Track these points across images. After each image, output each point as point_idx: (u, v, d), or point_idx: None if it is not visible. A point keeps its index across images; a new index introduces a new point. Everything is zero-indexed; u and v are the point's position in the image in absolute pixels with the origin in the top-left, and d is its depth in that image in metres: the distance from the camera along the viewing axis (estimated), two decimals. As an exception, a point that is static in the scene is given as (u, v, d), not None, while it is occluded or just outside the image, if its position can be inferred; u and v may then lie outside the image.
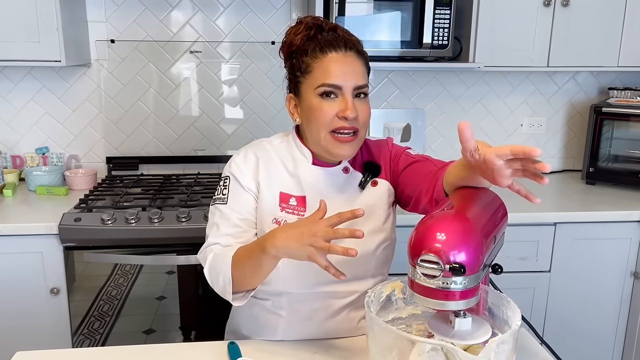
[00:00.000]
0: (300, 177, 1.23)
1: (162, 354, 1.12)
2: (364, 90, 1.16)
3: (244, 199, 1.22)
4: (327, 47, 1.14)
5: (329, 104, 1.14)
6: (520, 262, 2.07)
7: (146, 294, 1.98)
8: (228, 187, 1.23)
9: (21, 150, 2.38)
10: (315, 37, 1.16)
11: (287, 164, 1.24)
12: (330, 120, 1.14)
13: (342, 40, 1.15)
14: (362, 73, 1.16)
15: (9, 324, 1.89)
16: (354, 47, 1.16)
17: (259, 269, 1.07)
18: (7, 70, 2.31)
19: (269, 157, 1.25)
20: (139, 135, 2.41)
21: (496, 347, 0.77)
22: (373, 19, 2.11)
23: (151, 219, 1.87)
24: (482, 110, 2.58)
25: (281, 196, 1.21)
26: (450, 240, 0.79)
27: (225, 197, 1.22)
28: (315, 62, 1.15)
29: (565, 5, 2.18)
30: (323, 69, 1.14)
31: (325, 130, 1.15)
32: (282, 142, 1.28)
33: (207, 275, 1.16)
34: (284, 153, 1.25)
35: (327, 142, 1.16)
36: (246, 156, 1.25)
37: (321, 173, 1.23)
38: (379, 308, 0.94)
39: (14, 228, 1.83)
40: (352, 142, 1.16)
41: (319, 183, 1.22)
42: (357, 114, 1.13)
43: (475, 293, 0.81)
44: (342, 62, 1.14)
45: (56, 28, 1.98)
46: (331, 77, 1.13)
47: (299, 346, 1.16)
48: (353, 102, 1.13)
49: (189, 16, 2.35)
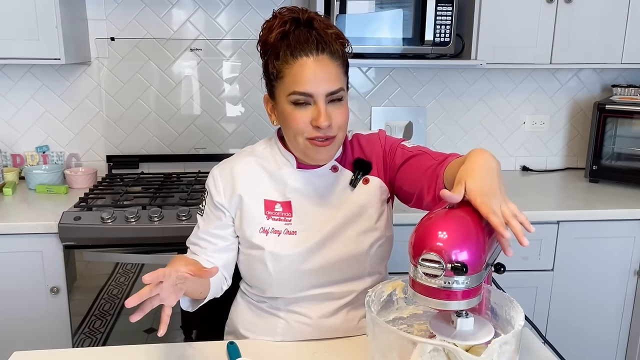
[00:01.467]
0: (286, 182, 1.20)
1: (162, 354, 1.11)
2: (338, 95, 1.10)
3: (213, 215, 1.22)
4: (298, 51, 1.08)
5: (302, 112, 1.09)
6: (523, 261, 2.05)
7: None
8: (205, 200, 1.24)
9: (21, 149, 2.38)
10: (288, 36, 1.09)
11: (270, 169, 1.21)
12: (306, 128, 1.10)
13: (314, 41, 1.08)
14: (336, 77, 1.10)
15: (8, 323, 1.88)
16: (327, 47, 1.09)
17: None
18: (6, 69, 2.30)
19: (249, 167, 1.21)
20: (140, 134, 2.40)
21: (499, 347, 0.75)
22: (374, 17, 2.10)
23: (151, 217, 1.86)
24: (484, 107, 2.57)
25: (266, 204, 1.19)
26: (451, 239, 0.77)
27: (202, 209, 1.25)
28: (286, 67, 1.09)
29: (568, 2, 2.16)
30: (293, 75, 1.08)
31: (302, 137, 1.11)
32: (266, 148, 1.24)
33: None
34: (268, 159, 1.22)
35: (305, 147, 1.13)
36: (222, 172, 1.22)
37: (307, 176, 1.20)
38: (380, 308, 0.93)
39: (14, 227, 1.83)
40: (329, 146, 1.12)
41: (306, 186, 1.19)
42: (330, 122, 1.08)
43: (477, 293, 0.80)
44: (314, 68, 1.07)
45: (55, 26, 1.97)
46: (302, 85, 1.07)
47: (298, 346, 1.14)
48: (326, 110, 1.08)
49: (190, 14, 2.34)
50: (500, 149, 2.61)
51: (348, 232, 1.19)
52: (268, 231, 1.17)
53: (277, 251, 1.15)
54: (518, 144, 2.63)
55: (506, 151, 2.62)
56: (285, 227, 1.17)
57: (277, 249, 1.16)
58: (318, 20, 1.12)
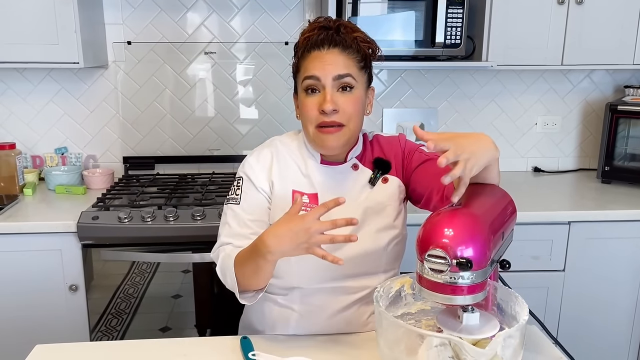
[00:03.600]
0: (311, 176, 1.25)
1: (176, 348, 1.14)
2: (347, 81, 1.16)
3: (256, 199, 1.24)
4: (312, 47, 1.18)
5: (312, 98, 1.17)
6: (534, 262, 2.06)
7: (162, 292, 2.01)
8: (241, 188, 1.25)
9: (41, 151, 2.44)
10: (311, 38, 1.18)
11: (298, 162, 1.27)
12: (315, 115, 1.16)
13: (327, 39, 1.17)
14: (344, 64, 1.16)
15: (29, 320, 1.93)
16: (340, 43, 1.17)
17: (258, 271, 1.08)
18: (26, 72, 2.36)
19: (281, 156, 1.27)
20: (155, 136, 2.45)
21: (503, 341, 0.78)
22: (386, 19, 2.12)
23: (167, 217, 1.90)
24: (496, 109, 2.58)
25: (294, 194, 1.23)
26: (457, 235, 0.80)
27: (238, 197, 1.25)
28: (303, 61, 1.20)
29: (579, 3, 2.16)
30: (305, 66, 1.18)
31: (312, 126, 1.18)
32: (294, 141, 1.30)
33: (219, 274, 1.19)
34: (296, 152, 1.28)
35: (315, 136, 1.19)
36: (259, 156, 1.27)
37: (330, 172, 1.25)
38: (388, 303, 0.95)
39: (34, 226, 1.88)
40: (335, 133, 1.17)
41: (329, 181, 1.24)
42: (336, 107, 1.15)
43: (483, 288, 0.82)
44: (322, 58, 1.16)
45: (74, 30, 2.03)
46: (311, 70, 1.16)
47: (310, 340, 1.17)
48: (332, 95, 1.15)
49: (204, 18, 2.38)
50: (512, 150, 2.62)
51: (367, 228, 1.22)
52: None
53: None
54: (530, 145, 2.63)
55: (518, 152, 2.63)
56: None
57: None
58: (345, 26, 1.21)
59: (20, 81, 2.37)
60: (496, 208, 0.92)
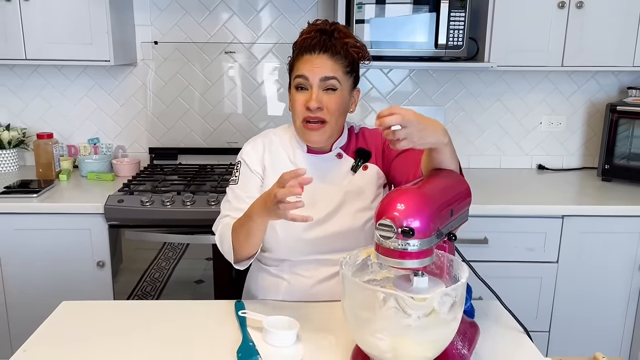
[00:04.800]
0: (298, 164, 1.42)
1: (178, 309, 1.32)
2: (332, 83, 1.32)
3: (251, 180, 1.42)
4: (305, 51, 1.34)
5: (300, 95, 1.33)
6: (528, 253, 2.16)
7: (186, 277, 2.20)
8: (239, 171, 1.43)
9: (75, 141, 2.67)
10: (307, 40, 1.34)
11: (288, 151, 1.44)
12: (302, 110, 1.33)
13: (321, 44, 1.32)
14: (331, 68, 1.32)
15: (59, 292, 2.13)
16: (330, 49, 1.32)
17: (249, 234, 1.25)
18: (64, 69, 2.59)
19: (273, 146, 1.45)
20: (179, 129, 2.65)
21: (439, 297, 0.92)
22: (392, 21, 2.25)
23: (184, 202, 2.09)
24: (501, 108, 2.68)
25: None
26: (406, 209, 0.94)
27: (236, 179, 1.43)
28: (296, 62, 1.36)
29: (579, 7, 2.25)
30: (297, 66, 1.35)
31: (299, 119, 1.34)
32: (286, 133, 1.48)
33: (217, 242, 1.37)
34: (286, 142, 1.46)
35: (300, 130, 1.36)
36: (254, 145, 1.46)
37: (315, 160, 1.42)
38: (355, 270, 1.10)
39: (67, 207, 2.08)
40: (319, 129, 1.34)
41: (315, 168, 1.40)
42: (320, 105, 1.31)
43: (428, 254, 0.97)
44: (313, 60, 1.32)
45: (107, 31, 2.23)
46: (301, 70, 1.33)
47: (295, 305, 1.34)
48: (318, 95, 1.31)
49: (225, 19, 2.57)
50: (517, 147, 2.72)
51: (347, 209, 1.38)
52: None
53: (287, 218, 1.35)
54: (534, 144, 2.72)
55: (522, 150, 2.73)
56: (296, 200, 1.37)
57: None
58: (339, 31, 1.36)
59: (59, 77, 2.60)
60: (447, 189, 1.05)
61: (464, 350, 1.09)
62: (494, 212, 2.11)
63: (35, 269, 2.12)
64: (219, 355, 1.12)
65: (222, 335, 1.19)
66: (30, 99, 2.62)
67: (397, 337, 0.95)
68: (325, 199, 1.38)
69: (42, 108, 2.63)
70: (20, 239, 2.09)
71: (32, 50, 2.23)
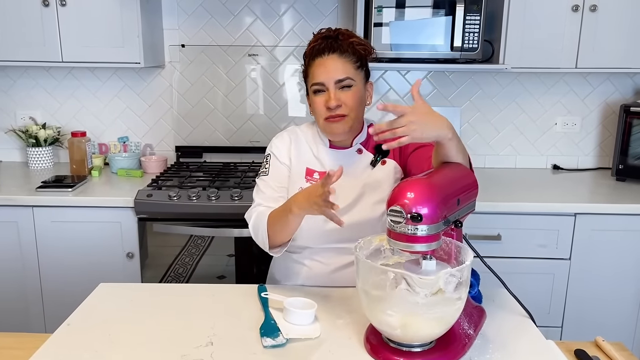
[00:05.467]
0: (321, 158, 1.53)
1: (208, 291, 1.42)
2: (346, 83, 1.42)
3: (281, 171, 1.54)
4: (315, 55, 1.45)
5: (319, 98, 1.44)
6: (540, 249, 2.22)
7: (209, 272, 2.29)
8: (269, 163, 1.55)
9: (106, 139, 2.80)
10: (314, 47, 1.45)
11: (312, 146, 1.55)
12: (323, 110, 1.44)
13: (327, 47, 1.43)
14: (342, 69, 1.42)
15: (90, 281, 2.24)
16: (338, 49, 1.43)
17: (286, 225, 1.37)
18: (97, 71, 2.73)
19: (299, 140, 1.56)
20: (204, 128, 2.77)
21: (445, 277, 1.00)
22: (409, 25, 2.33)
23: (209, 197, 2.20)
24: (517, 108, 2.74)
25: (307, 171, 1.52)
26: (415, 197, 1.03)
27: (267, 170, 1.55)
28: (309, 69, 1.47)
29: (593, 10, 2.31)
30: (312, 73, 1.46)
31: (322, 119, 1.45)
32: (310, 129, 1.59)
33: (251, 231, 1.48)
34: (310, 138, 1.57)
35: (324, 127, 1.48)
36: (282, 138, 1.58)
37: (337, 155, 1.53)
38: (369, 254, 1.19)
39: (99, 201, 2.21)
40: (341, 121, 1.44)
41: (337, 162, 1.50)
42: (339, 103, 1.41)
43: (436, 239, 1.05)
44: (324, 64, 1.43)
45: (137, 35, 2.36)
46: (317, 77, 1.44)
47: (313, 289, 1.44)
48: (335, 94, 1.42)
49: (249, 23, 2.68)
50: (532, 148, 2.78)
51: (365, 201, 1.48)
52: None
53: None
54: (549, 144, 2.78)
55: (537, 150, 2.78)
56: None
57: None
58: (343, 34, 1.48)
59: (91, 79, 2.74)
60: (454, 181, 1.14)
61: (469, 331, 1.17)
62: (507, 209, 2.18)
63: (69, 258, 2.25)
64: (243, 331, 1.21)
65: (246, 314, 1.29)
66: (64, 99, 2.77)
67: (406, 313, 1.03)
68: (346, 191, 1.48)
69: (75, 108, 2.78)
70: (56, 230, 2.23)
71: (68, 53, 2.37)
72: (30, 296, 2.28)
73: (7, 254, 2.24)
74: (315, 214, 1.28)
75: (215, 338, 1.19)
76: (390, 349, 1.11)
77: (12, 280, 2.26)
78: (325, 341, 1.18)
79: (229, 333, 1.21)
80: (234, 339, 1.18)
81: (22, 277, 2.26)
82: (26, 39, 2.35)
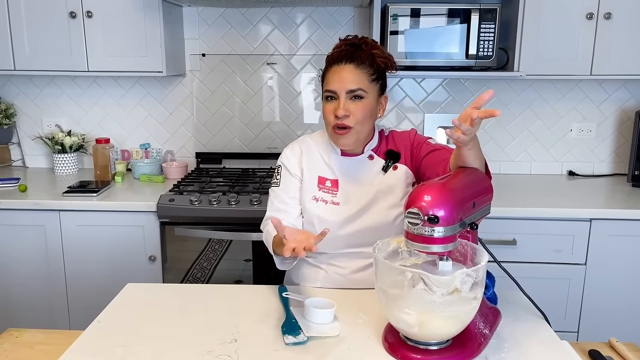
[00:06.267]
0: (332, 166, 1.56)
1: (231, 291, 1.48)
2: (358, 94, 1.44)
3: (291, 183, 1.58)
4: (332, 63, 1.47)
5: (329, 105, 1.47)
6: (556, 254, 2.24)
7: (226, 277, 2.35)
8: (280, 174, 1.59)
9: (129, 146, 2.88)
10: (334, 53, 1.48)
11: (323, 154, 1.59)
12: (332, 118, 1.46)
13: (345, 56, 1.45)
14: (356, 80, 1.44)
15: (114, 283, 2.30)
16: (356, 59, 1.44)
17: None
18: (120, 80, 2.81)
19: (310, 149, 1.60)
20: (223, 135, 2.83)
21: (461, 276, 1.04)
22: (424, 33, 2.37)
23: (229, 201, 2.25)
24: (532, 115, 2.76)
25: (319, 179, 1.56)
26: (432, 199, 1.07)
27: (278, 181, 1.59)
28: (326, 74, 1.50)
29: (607, 18, 2.33)
30: (327, 79, 1.49)
31: (330, 126, 1.48)
32: (322, 137, 1.62)
33: (265, 243, 1.54)
34: (322, 146, 1.60)
35: (331, 135, 1.51)
36: (293, 149, 1.61)
37: (349, 162, 1.56)
38: (387, 256, 1.23)
39: (122, 205, 2.27)
40: (346, 134, 1.46)
41: (348, 169, 1.55)
42: (347, 113, 1.43)
43: (452, 240, 1.09)
44: (339, 73, 1.45)
45: (160, 45, 2.43)
46: (330, 84, 1.46)
47: (332, 291, 1.48)
48: (344, 104, 1.44)
49: (267, 33, 2.74)
50: (547, 154, 2.80)
51: (378, 206, 1.52)
52: (318, 199, 1.53)
53: (324, 217, 1.50)
54: (565, 150, 2.79)
55: (553, 156, 2.80)
56: (332, 199, 1.53)
57: (324, 215, 1.50)
58: (367, 44, 1.50)
59: (115, 87, 2.82)
60: (470, 185, 1.17)
61: (485, 330, 1.21)
62: (522, 215, 2.20)
63: (93, 260, 2.32)
64: (265, 329, 1.26)
65: (268, 314, 1.34)
66: (89, 107, 2.85)
67: (423, 312, 1.07)
68: (358, 196, 1.52)
69: (99, 115, 2.86)
70: (81, 234, 2.30)
71: (94, 62, 2.45)
72: (56, 296, 2.35)
73: (35, 255, 2.32)
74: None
75: (238, 335, 1.24)
76: (407, 347, 1.15)
77: (39, 280, 2.34)
78: (344, 339, 1.22)
79: (251, 331, 1.26)
80: (256, 337, 1.23)
81: (49, 278, 2.34)
82: (54, 49, 2.44)
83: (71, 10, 2.40)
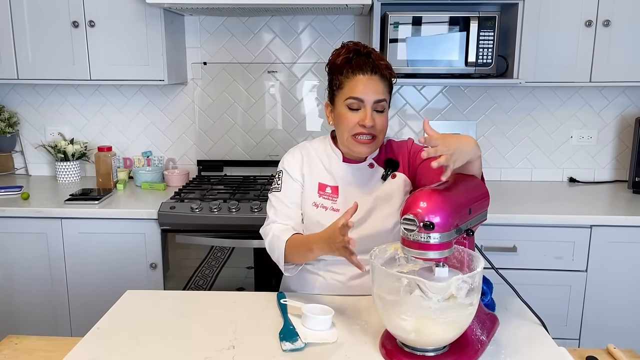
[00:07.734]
0: (333, 172, 1.57)
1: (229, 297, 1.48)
2: (381, 105, 1.47)
3: (293, 187, 1.58)
4: (357, 70, 1.47)
5: (353, 114, 1.47)
6: (556, 261, 2.24)
7: (228, 284, 2.35)
8: (281, 179, 1.60)
9: (131, 153, 2.90)
10: (351, 60, 1.48)
11: (324, 161, 1.59)
12: (353, 126, 1.47)
13: (370, 65, 1.46)
14: (382, 91, 1.47)
15: (116, 290, 2.31)
16: (379, 71, 1.47)
17: (304, 257, 1.46)
18: (122, 88, 2.83)
19: (310, 155, 1.61)
20: (225, 143, 2.85)
21: (456, 283, 1.05)
22: (424, 41, 2.39)
23: (230, 208, 2.26)
24: (532, 122, 2.77)
25: (319, 185, 1.57)
26: (428, 206, 1.08)
27: (279, 186, 1.59)
28: (347, 80, 1.48)
29: (606, 26, 2.34)
30: (351, 86, 1.47)
31: (348, 134, 1.49)
32: (321, 144, 1.63)
33: (267, 248, 1.55)
34: (322, 152, 1.61)
35: (349, 143, 1.50)
36: (294, 154, 1.62)
37: (350, 169, 1.57)
38: (384, 262, 1.24)
39: (124, 213, 2.29)
40: (369, 143, 1.48)
41: (349, 176, 1.56)
42: (373, 124, 1.45)
43: (448, 247, 1.09)
44: (367, 82, 1.46)
45: (162, 54, 2.46)
46: (356, 92, 1.46)
47: (329, 298, 1.48)
48: (372, 114, 1.46)
49: (268, 41, 2.76)
50: (548, 161, 2.80)
51: (377, 213, 1.53)
52: (318, 205, 1.54)
53: (324, 223, 1.50)
54: (565, 157, 2.80)
55: (553, 163, 2.80)
56: (332, 205, 1.54)
57: (324, 221, 1.51)
58: (374, 54, 1.52)
59: (117, 95, 2.85)
60: (466, 192, 1.18)
61: (482, 337, 1.21)
62: (523, 221, 2.20)
63: (95, 267, 2.33)
64: (263, 336, 1.27)
65: (266, 320, 1.34)
66: (91, 115, 2.88)
67: (420, 318, 1.08)
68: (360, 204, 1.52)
69: (101, 123, 2.88)
70: (83, 241, 2.31)
71: (96, 71, 2.48)
72: (57, 303, 2.36)
73: (37, 262, 2.33)
74: (336, 256, 1.33)
75: (236, 342, 1.24)
76: (404, 353, 1.15)
77: (42, 288, 2.35)
78: (342, 346, 1.23)
79: (249, 337, 1.26)
80: (254, 343, 1.24)
81: (51, 285, 2.35)
82: (57, 58, 2.47)
83: (74, 19, 2.43)
